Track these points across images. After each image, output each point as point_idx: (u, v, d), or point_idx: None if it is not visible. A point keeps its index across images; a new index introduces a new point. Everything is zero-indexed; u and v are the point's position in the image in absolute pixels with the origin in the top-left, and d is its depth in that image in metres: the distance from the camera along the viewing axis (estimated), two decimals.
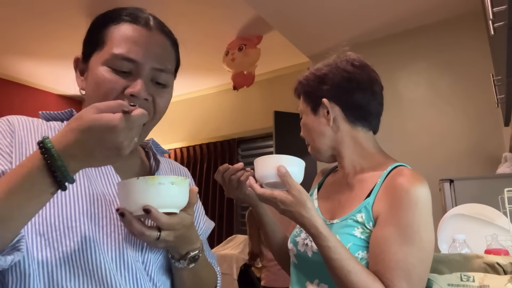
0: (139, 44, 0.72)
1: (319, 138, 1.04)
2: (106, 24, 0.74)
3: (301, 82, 1.09)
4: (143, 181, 0.63)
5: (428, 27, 2.79)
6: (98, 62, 0.72)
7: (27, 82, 4.32)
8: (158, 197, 0.64)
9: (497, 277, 0.90)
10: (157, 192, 0.64)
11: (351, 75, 1.01)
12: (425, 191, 0.88)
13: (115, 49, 0.71)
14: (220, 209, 4.02)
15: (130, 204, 0.64)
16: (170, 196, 0.65)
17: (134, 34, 0.73)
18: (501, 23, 0.95)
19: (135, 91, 0.70)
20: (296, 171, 0.88)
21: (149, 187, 0.63)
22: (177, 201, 0.67)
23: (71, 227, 0.66)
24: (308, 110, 1.06)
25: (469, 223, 1.42)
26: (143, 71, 0.72)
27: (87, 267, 0.66)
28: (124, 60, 0.71)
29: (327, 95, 1.02)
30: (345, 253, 0.84)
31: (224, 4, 2.78)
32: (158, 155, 0.91)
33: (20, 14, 2.98)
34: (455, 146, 2.57)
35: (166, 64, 0.76)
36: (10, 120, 0.73)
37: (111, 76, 0.71)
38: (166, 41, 0.77)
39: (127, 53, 0.71)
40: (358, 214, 0.92)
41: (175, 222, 0.66)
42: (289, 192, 0.85)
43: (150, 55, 0.73)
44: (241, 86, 3.32)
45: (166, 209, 0.65)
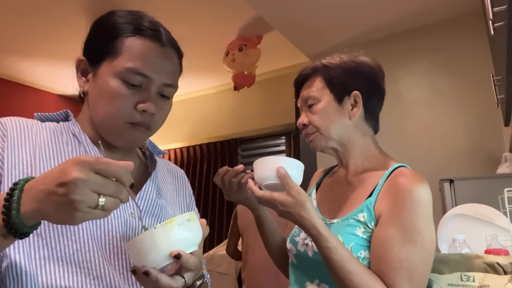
0: (152, 61, 0.74)
1: (335, 128, 1.00)
2: (118, 34, 0.75)
3: (326, 66, 1.03)
4: (162, 229, 0.60)
5: (428, 27, 2.79)
6: (110, 72, 0.73)
7: (27, 82, 4.31)
8: (181, 239, 0.62)
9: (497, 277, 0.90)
10: (179, 234, 0.61)
11: (377, 76, 1.03)
12: (427, 191, 0.88)
13: (129, 63, 0.73)
14: (220, 209, 4.02)
15: (154, 257, 0.60)
16: (190, 234, 0.63)
17: (149, 50, 0.75)
18: (501, 23, 0.95)
19: (146, 107, 0.73)
20: (295, 173, 0.88)
21: (170, 232, 0.60)
22: (197, 238, 0.65)
23: (68, 226, 0.66)
24: (330, 97, 1.01)
25: (469, 223, 1.42)
26: (154, 86, 0.75)
27: (85, 266, 0.66)
28: (138, 75, 0.73)
29: (359, 89, 1.00)
30: (346, 253, 0.84)
31: (224, 4, 2.78)
32: (155, 155, 0.91)
33: (20, 14, 2.98)
34: (455, 146, 2.57)
35: (175, 79, 0.79)
36: (2, 123, 0.73)
37: (123, 91, 0.73)
38: (174, 55, 0.80)
39: (141, 69, 0.73)
40: (360, 213, 0.92)
41: (198, 261, 0.65)
42: (288, 194, 0.85)
43: (162, 71, 0.75)
44: (241, 86, 3.32)
45: (189, 249, 0.63)
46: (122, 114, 0.73)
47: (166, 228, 0.60)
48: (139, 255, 0.61)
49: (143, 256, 0.60)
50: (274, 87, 3.91)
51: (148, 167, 0.88)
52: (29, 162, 0.69)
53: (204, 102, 4.48)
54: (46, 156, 0.72)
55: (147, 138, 0.80)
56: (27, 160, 0.69)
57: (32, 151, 0.71)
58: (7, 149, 0.69)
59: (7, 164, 0.68)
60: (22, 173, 0.68)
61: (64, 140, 0.76)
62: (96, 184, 0.50)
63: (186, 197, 0.93)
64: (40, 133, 0.75)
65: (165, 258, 0.60)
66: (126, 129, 0.74)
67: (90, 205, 0.50)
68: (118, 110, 0.73)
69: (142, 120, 0.75)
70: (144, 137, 0.78)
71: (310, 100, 1.02)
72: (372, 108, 1.03)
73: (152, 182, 0.81)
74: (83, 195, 0.49)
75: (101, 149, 0.69)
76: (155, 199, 0.80)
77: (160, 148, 0.95)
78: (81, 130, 0.78)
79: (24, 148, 0.70)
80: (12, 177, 0.67)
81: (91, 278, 0.66)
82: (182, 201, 0.91)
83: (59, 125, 0.80)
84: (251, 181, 0.91)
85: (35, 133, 0.74)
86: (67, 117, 0.82)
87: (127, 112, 0.73)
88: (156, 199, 0.80)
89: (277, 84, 3.89)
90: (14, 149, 0.69)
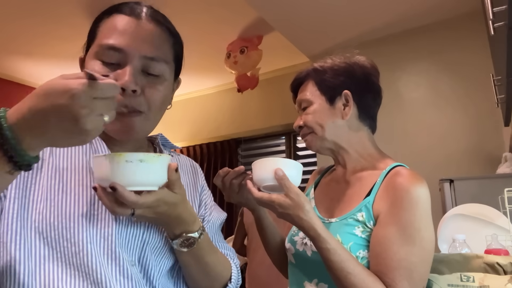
0: (126, 33, 0.69)
1: (329, 129, 1.03)
2: (100, 19, 0.73)
3: (317, 70, 1.07)
4: (110, 158, 0.60)
5: (428, 27, 2.79)
6: (89, 57, 0.71)
7: (27, 82, 4.31)
8: (125, 175, 0.61)
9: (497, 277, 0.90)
10: (125, 170, 0.60)
11: (371, 74, 1.05)
12: (425, 190, 0.88)
13: (103, 40, 0.69)
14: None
15: (101, 179, 0.62)
16: (140, 174, 0.61)
17: (121, 23, 0.70)
18: (501, 23, 0.95)
19: (122, 83, 0.66)
20: (294, 174, 0.87)
21: (116, 164, 0.60)
22: (149, 179, 0.63)
23: (69, 228, 0.65)
24: (322, 99, 1.04)
25: (469, 223, 1.42)
26: (131, 60, 0.69)
27: (83, 269, 0.65)
28: (111, 50, 0.68)
29: (349, 88, 1.02)
30: (345, 254, 0.84)
31: (225, 4, 2.78)
32: (167, 151, 0.90)
33: (20, 14, 2.98)
34: (455, 146, 2.57)
35: (157, 53, 0.72)
36: None
37: (100, 69, 0.68)
38: (157, 29, 0.74)
39: (113, 42, 0.68)
40: (358, 213, 0.92)
41: (150, 200, 0.63)
42: (287, 195, 0.85)
43: (137, 43, 0.69)
44: (245, 88, 3.32)
45: (137, 187, 0.62)
46: None
47: (114, 159, 0.60)
48: (93, 171, 0.64)
49: (94, 173, 0.63)
50: (274, 87, 3.90)
51: None
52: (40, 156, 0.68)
53: (204, 102, 4.48)
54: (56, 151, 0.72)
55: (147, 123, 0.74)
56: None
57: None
58: None
59: None
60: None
61: None
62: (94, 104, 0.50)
63: (198, 188, 0.90)
64: None
65: (108, 185, 0.61)
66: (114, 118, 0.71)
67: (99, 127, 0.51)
68: None
69: (126, 103, 0.68)
70: (140, 123, 0.72)
71: (304, 103, 1.06)
72: (366, 107, 1.04)
73: None
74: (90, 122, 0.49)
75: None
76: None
77: (172, 143, 0.92)
78: None
79: None
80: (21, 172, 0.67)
81: (89, 282, 0.65)
82: (194, 193, 0.88)
83: None
84: (250, 182, 0.91)
85: None
86: None
87: None
88: None
89: (277, 84, 3.89)
90: None
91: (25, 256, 0.63)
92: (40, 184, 0.68)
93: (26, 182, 0.67)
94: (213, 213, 0.90)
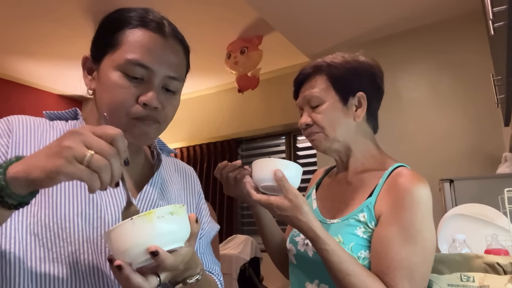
0: (153, 51, 0.71)
1: (341, 130, 0.99)
2: (120, 27, 0.73)
3: (331, 65, 1.01)
4: (139, 220, 0.54)
5: (428, 27, 2.79)
6: (110, 66, 0.71)
7: (27, 82, 4.31)
8: (160, 233, 0.55)
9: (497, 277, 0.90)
10: (158, 228, 0.54)
11: (378, 76, 1.04)
12: (427, 191, 0.88)
13: (129, 54, 0.70)
14: (220, 209, 4.02)
15: (130, 251, 0.54)
16: (173, 229, 0.57)
17: (149, 41, 0.71)
18: (501, 23, 0.95)
19: (147, 100, 0.69)
20: (293, 175, 0.87)
21: (148, 224, 0.54)
22: (182, 233, 0.59)
23: (64, 228, 0.65)
24: (334, 98, 0.99)
25: (469, 223, 1.42)
26: (156, 79, 0.71)
27: (80, 269, 0.65)
28: (138, 66, 0.70)
29: (363, 90, 1.00)
30: (344, 255, 0.83)
31: (225, 4, 2.78)
32: (164, 154, 0.90)
33: (20, 14, 2.98)
34: (455, 146, 2.57)
35: (179, 72, 0.75)
36: (9, 120, 0.72)
37: (124, 83, 0.70)
38: (179, 48, 0.76)
39: (141, 60, 0.70)
40: (360, 213, 0.92)
41: (179, 261, 0.60)
42: (285, 197, 0.85)
43: (164, 62, 0.72)
44: (246, 88, 3.33)
45: (171, 245, 0.57)
46: (124, 108, 0.70)
47: (144, 220, 0.54)
48: (115, 247, 0.55)
49: (119, 248, 0.55)
50: (274, 87, 3.90)
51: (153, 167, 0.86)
52: None
53: (204, 102, 4.48)
54: None
55: (159, 132, 0.76)
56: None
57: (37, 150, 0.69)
58: (11, 147, 0.68)
59: None
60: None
61: None
62: (89, 139, 0.50)
63: (195, 195, 0.91)
64: (46, 132, 0.74)
65: (142, 253, 0.55)
66: (132, 124, 0.71)
67: (77, 156, 0.49)
68: (120, 103, 0.69)
69: (146, 114, 0.71)
70: (154, 131, 0.74)
71: (314, 101, 1.00)
72: (373, 108, 1.03)
73: (153, 183, 0.79)
74: (73, 142, 0.49)
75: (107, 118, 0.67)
76: (156, 200, 0.78)
77: (169, 147, 0.93)
78: None
79: (28, 147, 0.70)
80: None
81: (86, 282, 0.64)
82: (190, 199, 0.89)
83: (68, 123, 0.78)
84: (249, 183, 0.91)
85: (41, 132, 0.73)
86: (76, 115, 0.81)
87: (129, 105, 0.69)
88: (158, 201, 0.78)
89: (277, 84, 3.89)
90: (19, 147, 0.69)
91: (20, 260, 0.63)
92: None
93: None
94: (209, 224, 0.91)
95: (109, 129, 0.52)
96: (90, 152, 0.49)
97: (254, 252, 3.14)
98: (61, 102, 4.62)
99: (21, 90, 4.27)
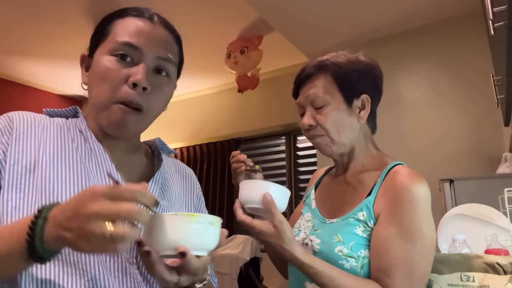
0: (142, 33, 0.73)
1: (346, 132, 0.98)
2: (112, 19, 0.76)
3: (336, 64, 0.98)
4: (182, 218, 0.59)
5: (428, 27, 2.79)
6: (101, 53, 0.73)
7: (27, 82, 4.32)
8: (194, 238, 0.59)
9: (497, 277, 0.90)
10: (195, 232, 0.59)
11: (379, 77, 1.03)
12: (425, 188, 0.88)
13: (119, 37, 0.72)
14: (220, 210, 4.02)
15: (162, 241, 0.58)
16: (206, 238, 0.61)
17: (138, 24, 0.74)
18: (501, 23, 0.95)
19: (137, 80, 0.70)
20: (280, 199, 0.87)
21: (187, 225, 0.58)
22: (211, 244, 0.63)
23: None
24: (340, 99, 0.97)
25: (469, 223, 1.42)
26: (146, 59, 0.73)
27: (80, 267, 0.64)
28: (127, 46, 0.72)
29: (367, 91, 0.99)
30: (334, 273, 0.84)
31: (225, 4, 2.78)
32: (165, 154, 0.90)
33: (20, 15, 2.98)
34: (455, 146, 2.57)
35: (170, 54, 0.76)
36: (10, 116, 0.73)
37: (114, 65, 0.71)
38: (169, 35, 0.78)
39: (130, 40, 0.72)
40: (359, 212, 0.92)
41: (201, 267, 0.63)
42: (270, 222, 0.84)
43: (153, 43, 0.74)
44: (245, 88, 3.33)
45: (198, 251, 0.61)
46: (113, 91, 0.70)
47: (185, 220, 0.58)
48: (151, 232, 0.59)
49: (153, 235, 0.59)
50: (274, 87, 3.91)
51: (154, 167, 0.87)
52: (33, 157, 0.69)
53: (204, 102, 4.48)
54: (50, 151, 0.71)
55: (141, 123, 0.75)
56: (31, 156, 0.69)
57: (37, 146, 0.70)
58: (11, 144, 0.68)
59: (10, 159, 0.67)
60: (24, 169, 0.67)
61: (70, 137, 0.75)
62: (108, 213, 0.50)
63: (194, 197, 0.91)
64: (47, 128, 0.74)
65: (171, 248, 0.58)
66: (114, 110, 0.71)
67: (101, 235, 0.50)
68: (109, 87, 0.70)
69: (132, 98, 0.71)
70: (135, 121, 0.73)
71: (319, 101, 0.97)
72: (373, 109, 1.03)
73: (154, 183, 0.79)
74: (95, 225, 0.49)
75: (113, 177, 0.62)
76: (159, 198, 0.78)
77: (169, 147, 0.94)
78: (87, 127, 0.77)
79: (29, 143, 0.70)
80: (14, 173, 0.66)
81: (86, 280, 0.64)
82: (189, 201, 0.90)
83: (68, 121, 0.79)
84: (238, 201, 0.90)
85: (42, 128, 0.73)
86: (76, 113, 0.82)
87: (117, 88, 0.70)
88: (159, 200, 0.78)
89: (277, 84, 3.89)
90: (19, 144, 0.69)
91: None
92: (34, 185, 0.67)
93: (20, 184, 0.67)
94: None
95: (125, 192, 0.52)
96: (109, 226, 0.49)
97: (254, 252, 3.14)
98: (61, 102, 4.62)
99: (22, 90, 4.28)
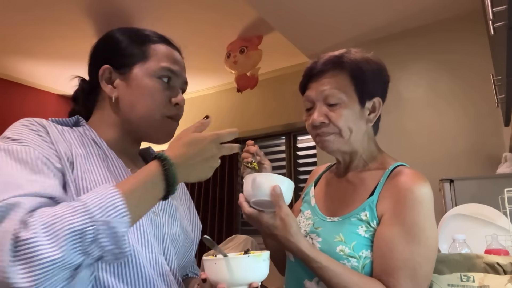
0: (175, 60, 0.89)
1: (356, 132, 0.97)
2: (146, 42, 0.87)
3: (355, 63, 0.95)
4: (254, 259, 0.70)
5: (428, 27, 2.79)
6: (145, 74, 0.84)
7: (27, 82, 4.31)
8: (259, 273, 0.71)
9: (497, 277, 0.90)
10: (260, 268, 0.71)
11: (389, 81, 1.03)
12: (428, 190, 0.88)
13: (162, 63, 0.85)
14: (220, 209, 4.02)
15: (235, 280, 0.69)
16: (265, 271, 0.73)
17: (172, 52, 0.89)
18: (501, 23, 0.95)
19: (179, 100, 0.87)
20: (286, 193, 0.87)
21: (257, 264, 0.70)
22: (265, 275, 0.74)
23: None
24: (355, 100, 0.95)
25: (469, 223, 1.42)
26: (180, 83, 0.89)
27: None
28: (169, 72, 0.86)
29: (379, 94, 1.00)
30: (338, 268, 0.84)
31: (224, 4, 2.78)
32: None
33: (20, 14, 2.98)
34: (455, 146, 2.57)
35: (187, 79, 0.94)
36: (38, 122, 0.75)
37: (161, 87, 0.85)
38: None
39: (171, 67, 0.86)
40: (362, 212, 0.92)
41: None
42: (276, 215, 0.85)
43: (182, 69, 0.90)
44: (244, 88, 3.32)
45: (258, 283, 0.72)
46: (161, 108, 0.84)
47: (257, 260, 0.70)
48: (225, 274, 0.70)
49: (224, 274, 0.69)
50: (274, 87, 3.90)
51: None
52: (69, 158, 0.73)
53: (204, 102, 4.48)
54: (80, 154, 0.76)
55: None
56: (68, 157, 0.73)
57: (68, 149, 0.75)
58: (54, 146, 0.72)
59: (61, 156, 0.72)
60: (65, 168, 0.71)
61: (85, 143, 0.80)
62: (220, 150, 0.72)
63: (186, 200, 1.00)
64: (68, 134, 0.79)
65: (241, 284, 0.69)
66: (166, 122, 0.86)
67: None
68: (158, 105, 0.84)
69: (176, 112, 0.87)
70: (175, 130, 0.89)
71: (333, 99, 0.94)
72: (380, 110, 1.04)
73: None
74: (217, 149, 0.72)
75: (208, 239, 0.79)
76: (170, 199, 0.87)
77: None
78: (97, 136, 0.83)
79: (63, 146, 0.74)
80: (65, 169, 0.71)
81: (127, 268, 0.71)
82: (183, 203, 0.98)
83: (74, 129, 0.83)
84: (242, 196, 0.90)
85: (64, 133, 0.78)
86: (78, 123, 0.86)
87: (165, 105, 0.85)
88: (171, 200, 0.88)
89: (277, 84, 3.89)
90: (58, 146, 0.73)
91: None
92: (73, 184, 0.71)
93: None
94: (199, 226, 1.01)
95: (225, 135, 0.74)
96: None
97: None
98: (61, 102, 4.62)
99: (22, 90, 4.27)
